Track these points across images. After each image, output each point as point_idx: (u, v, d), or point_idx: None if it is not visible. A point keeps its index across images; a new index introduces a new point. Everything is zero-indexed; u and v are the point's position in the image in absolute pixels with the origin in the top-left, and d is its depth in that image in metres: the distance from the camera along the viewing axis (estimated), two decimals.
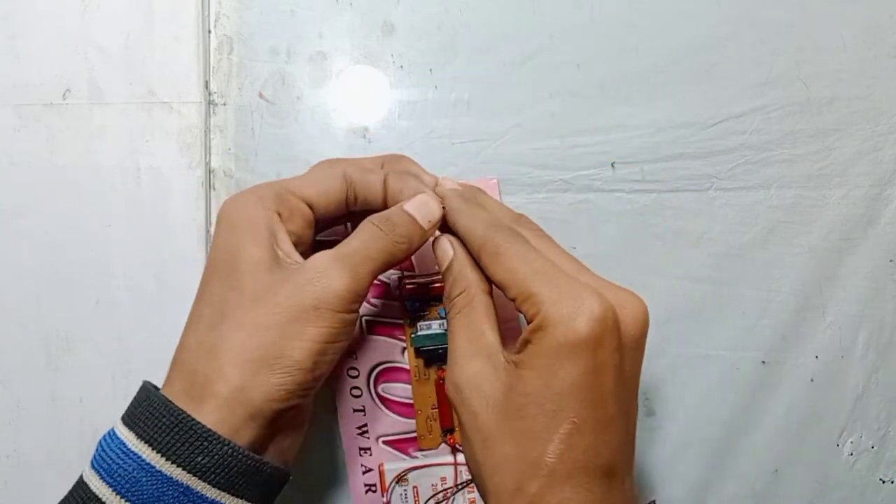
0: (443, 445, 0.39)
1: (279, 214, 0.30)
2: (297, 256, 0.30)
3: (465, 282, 0.30)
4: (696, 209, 0.42)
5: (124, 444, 0.27)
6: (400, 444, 0.39)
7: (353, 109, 0.41)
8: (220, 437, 0.26)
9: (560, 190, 0.41)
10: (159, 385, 0.29)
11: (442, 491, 0.38)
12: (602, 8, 0.42)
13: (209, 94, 0.40)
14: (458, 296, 0.30)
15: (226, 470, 0.26)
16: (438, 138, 0.41)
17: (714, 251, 0.42)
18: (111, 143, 0.40)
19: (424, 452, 0.39)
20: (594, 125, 0.41)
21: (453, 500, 0.38)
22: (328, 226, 0.36)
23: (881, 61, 0.43)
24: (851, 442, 0.42)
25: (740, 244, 0.42)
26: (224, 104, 0.41)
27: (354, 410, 0.39)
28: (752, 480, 0.41)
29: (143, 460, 0.26)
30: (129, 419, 0.28)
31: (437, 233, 0.33)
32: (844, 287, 0.42)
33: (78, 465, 0.29)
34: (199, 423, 0.26)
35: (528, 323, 0.27)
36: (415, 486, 0.38)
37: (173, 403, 0.27)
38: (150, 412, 0.27)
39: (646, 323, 0.28)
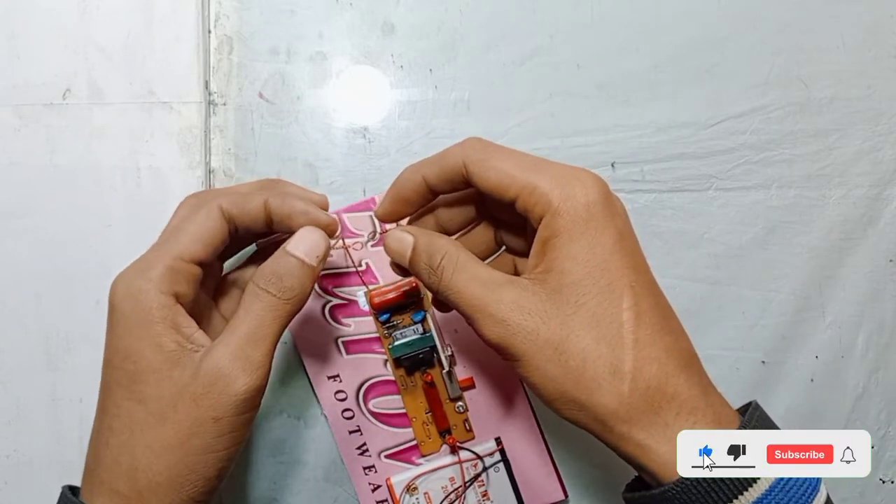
0: (444, 447, 0.39)
1: (175, 295, 0.28)
2: (199, 337, 0.29)
3: (439, 247, 0.29)
4: (696, 209, 0.42)
5: None
6: (402, 455, 0.39)
7: (353, 109, 0.41)
8: None
9: None
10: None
11: (453, 490, 0.38)
12: (602, 8, 0.42)
13: (209, 94, 0.40)
14: (441, 260, 0.29)
15: None
16: (438, 138, 0.41)
17: (714, 251, 0.42)
18: (111, 143, 0.40)
19: (427, 457, 0.39)
20: (594, 125, 0.41)
21: (465, 498, 0.38)
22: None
23: (881, 61, 0.43)
24: None
25: (740, 244, 0.42)
26: (224, 104, 0.41)
27: (350, 432, 0.39)
28: None
29: None
30: None
31: (379, 228, 0.31)
32: (844, 287, 0.42)
33: (78, 464, 0.29)
34: None
35: (536, 222, 0.27)
36: (425, 493, 0.38)
37: None
38: None
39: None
